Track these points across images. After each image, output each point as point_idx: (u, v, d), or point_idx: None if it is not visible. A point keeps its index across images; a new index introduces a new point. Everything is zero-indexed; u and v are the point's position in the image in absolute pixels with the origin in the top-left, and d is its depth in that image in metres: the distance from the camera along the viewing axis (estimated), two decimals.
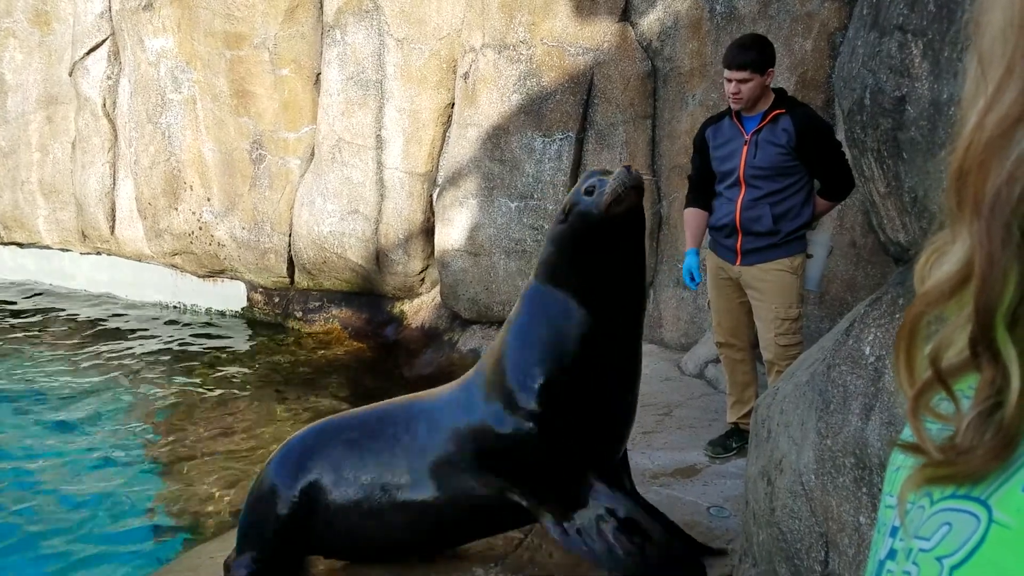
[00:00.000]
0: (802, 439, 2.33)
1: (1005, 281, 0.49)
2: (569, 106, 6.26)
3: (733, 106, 3.88)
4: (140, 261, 8.72)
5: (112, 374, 7.10)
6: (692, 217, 4.21)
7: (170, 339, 7.89)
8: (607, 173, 2.85)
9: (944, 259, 0.53)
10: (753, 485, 2.63)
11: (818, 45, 5.23)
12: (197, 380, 6.91)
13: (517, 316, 2.94)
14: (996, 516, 0.49)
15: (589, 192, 2.80)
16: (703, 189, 4.15)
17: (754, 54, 3.76)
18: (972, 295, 0.50)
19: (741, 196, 3.90)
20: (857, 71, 2.01)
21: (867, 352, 2.11)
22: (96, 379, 6.97)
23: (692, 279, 4.18)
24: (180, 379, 6.96)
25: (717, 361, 4.90)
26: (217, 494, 4.98)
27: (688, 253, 4.19)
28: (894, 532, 0.58)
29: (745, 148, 3.86)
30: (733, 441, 4.27)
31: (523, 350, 2.86)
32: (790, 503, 2.35)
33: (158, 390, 6.78)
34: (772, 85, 4.00)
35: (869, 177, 2.07)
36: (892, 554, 0.57)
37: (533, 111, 6.36)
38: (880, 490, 0.65)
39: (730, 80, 3.81)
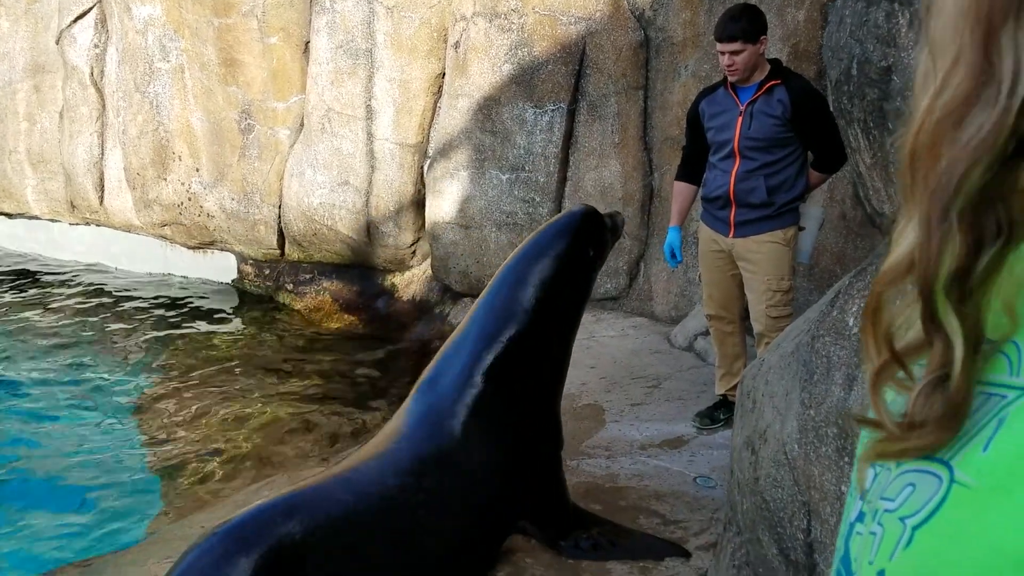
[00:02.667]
0: (786, 409, 2.34)
1: (941, 256, 0.50)
2: (561, 76, 6.21)
3: (730, 78, 3.86)
4: (129, 232, 8.68)
5: (102, 345, 7.09)
6: (680, 191, 4.22)
7: (160, 311, 7.87)
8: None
9: (904, 237, 0.54)
10: (738, 455, 2.65)
11: (811, 15, 5.19)
12: (187, 352, 6.91)
13: None
14: (957, 476, 0.50)
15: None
16: (694, 162, 4.15)
17: (744, 24, 3.74)
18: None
19: (735, 168, 3.89)
20: (845, 41, 2.00)
21: (851, 323, 2.12)
22: (86, 350, 6.96)
23: (673, 256, 4.20)
24: (170, 350, 6.96)
25: (706, 334, 4.92)
26: (207, 465, 5.00)
27: (671, 230, 4.21)
28: (864, 495, 0.59)
29: (740, 119, 3.85)
30: (721, 413, 4.30)
31: None
32: (773, 472, 2.37)
33: (148, 361, 6.77)
34: (768, 56, 3.98)
35: (856, 148, 2.07)
36: (861, 516, 0.58)
37: (524, 81, 6.31)
38: None
39: (723, 53, 3.79)
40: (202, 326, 7.48)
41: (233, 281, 8.32)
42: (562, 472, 3.27)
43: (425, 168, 7.07)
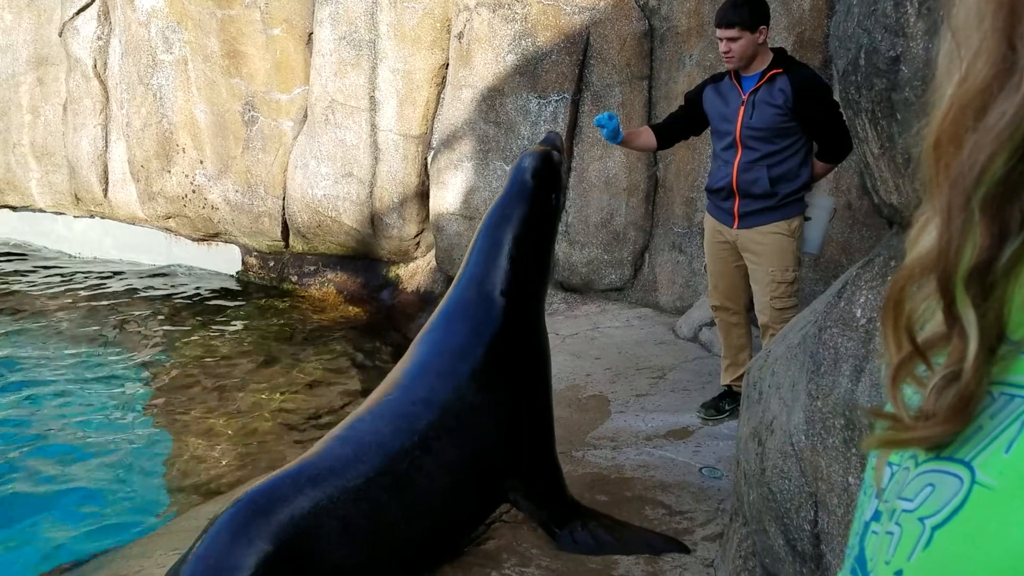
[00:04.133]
0: (793, 400, 2.34)
1: (961, 247, 0.50)
2: (565, 67, 6.19)
3: (726, 65, 3.86)
4: (134, 224, 8.68)
5: (106, 338, 7.11)
6: (643, 129, 4.24)
7: (165, 303, 7.88)
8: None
9: (927, 231, 0.53)
10: (744, 446, 2.65)
11: (816, 4, 5.17)
12: (193, 344, 6.92)
13: None
14: (979, 477, 0.49)
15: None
16: (670, 126, 4.18)
17: (744, 12, 3.72)
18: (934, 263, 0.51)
19: (738, 158, 3.88)
20: (852, 30, 1.99)
21: (858, 314, 2.12)
22: (91, 343, 6.98)
23: (609, 118, 3.98)
24: (176, 343, 6.97)
25: (712, 324, 4.91)
26: (214, 457, 5.02)
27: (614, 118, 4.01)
28: (880, 494, 0.58)
29: (742, 108, 3.83)
30: (726, 403, 4.30)
31: None
32: (780, 463, 2.37)
33: (154, 354, 6.79)
34: (773, 45, 3.96)
35: (863, 138, 2.05)
36: (877, 515, 0.58)
37: (528, 72, 6.29)
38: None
39: (721, 39, 3.78)
40: (207, 319, 7.49)
41: (238, 273, 8.33)
42: (555, 450, 3.28)
43: (429, 159, 7.06)
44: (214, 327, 7.28)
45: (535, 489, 3.19)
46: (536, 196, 3.17)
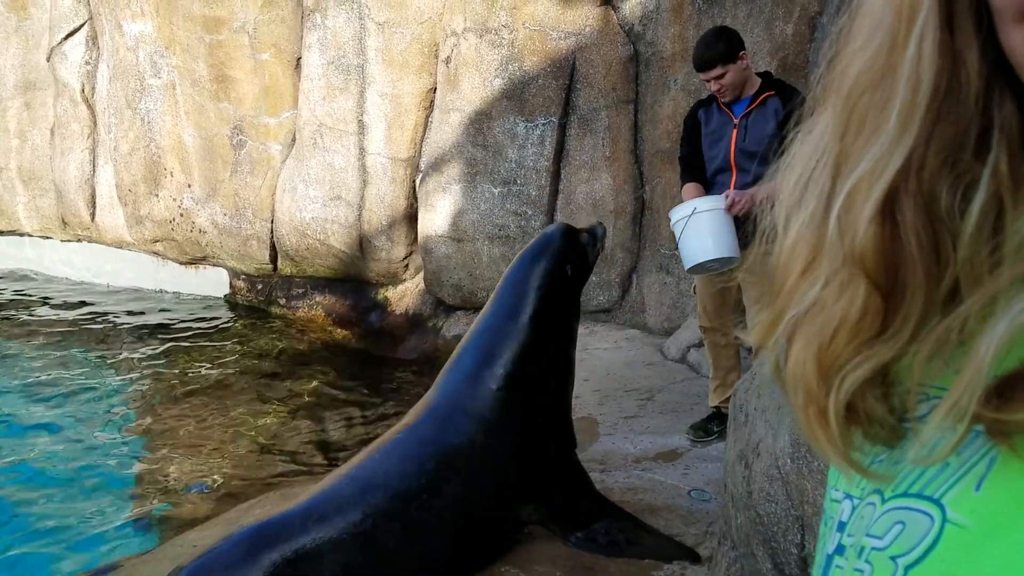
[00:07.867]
0: (778, 423, 2.35)
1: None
2: (551, 91, 6.24)
3: (722, 100, 3.86)
4: (121, 248, 8.66)
5: (94, 362, 7.06)
6: (694, 189, 4.04)
7: (152, 327, 7.85)
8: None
9: None
10: (731, 469, 2.65)
11: (799, 29, 5.23)
12: (180, 368, 6.88)
13: None
14: (950, 516, 0.49)
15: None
16: (697, 167, 4.12)
17: (720, 47, 3.76)
18: None
19: (732, 182, 3.90)
20: None
21: None
22: (78, 367, 6.93)
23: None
24: (163, 367, 6.93)
25: (700, 345, 4.92)
26: (200, 482, 4.97)
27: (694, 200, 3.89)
28: (841, 527, 0.58)
29: (735, 132, 3.86)
30: (715, 425, 4.29)
31: None
32: (767, 487, 2.37)
33: (140, 378, 6.74)
34: (757, 69, 4.00)
35: None
36: (840, 549, 0.57)
37: (515, 96, 6.34)
38: None
39: (707, 80, 3.82)
40: (194, 342, 7.45)
41: (225, 296, 8.30)
42: (576, 468, 3.33)
43: (417, 182, 7.08)
44: (201, 351, 7.24)
45: (555, 509, 3.23)
46: (551, 261, 3.27)
